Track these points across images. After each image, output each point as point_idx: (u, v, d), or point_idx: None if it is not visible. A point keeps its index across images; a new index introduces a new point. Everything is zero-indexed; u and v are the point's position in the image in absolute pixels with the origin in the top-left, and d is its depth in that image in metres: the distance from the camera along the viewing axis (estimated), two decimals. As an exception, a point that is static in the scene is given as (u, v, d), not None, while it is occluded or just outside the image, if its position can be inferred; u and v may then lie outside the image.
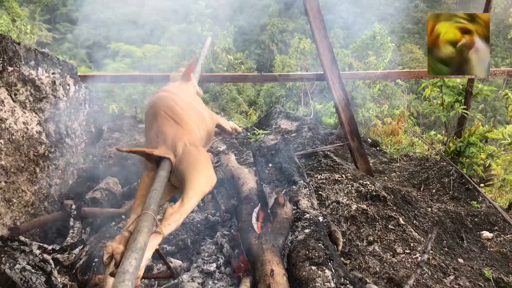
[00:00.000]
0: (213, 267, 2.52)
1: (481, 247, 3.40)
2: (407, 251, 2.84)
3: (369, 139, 6.60)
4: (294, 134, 5.34)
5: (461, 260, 3.05)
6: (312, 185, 3.39)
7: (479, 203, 4.25)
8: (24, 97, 3.00)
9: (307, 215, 2.71)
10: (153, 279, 2.34)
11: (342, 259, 2.64)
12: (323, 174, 3.81)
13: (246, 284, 2.28)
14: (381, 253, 2.79)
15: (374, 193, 3.48)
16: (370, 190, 3.51)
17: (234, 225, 3.02)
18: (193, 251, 2.77)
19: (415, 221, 3.47)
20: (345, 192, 3.47)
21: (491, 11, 4.99)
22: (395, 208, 3.43)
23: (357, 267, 2.64)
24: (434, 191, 4.50)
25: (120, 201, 3.37)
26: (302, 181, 3.21)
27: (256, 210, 2.87)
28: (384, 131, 7.79)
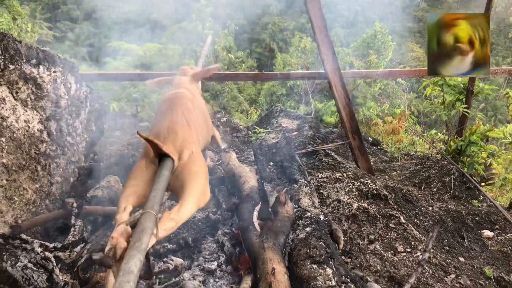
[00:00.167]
0: (214, 265, 2.53)
1: (482, 246, 3.40)
2: (408, 249, 2.84)
3: (370, 138, 6.60)
4: (295, 132, 5.34)
5: (462, 258, 3.05)
6: (313, 184, 3.39)
7: (480, 202, 4.25)
8: (25, 95, 3.00)
9: (308, 214, 2.72)
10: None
11: (343, 257, 2.64)
12: (324, 172, 3.82)
13: (247, 282, 2.28)
14: (382, 252, 2.79)
15: (375, 192, 3.48)
16: (371, 188, 3.51)
17: (235, 223, 3.03)
18: (194, 250, 2.77)
19: (416, 220, 3.47)
20: (346, 190, 3.47)
21: (492, 10, 4.99)
22: (396, 207, 3.43)
23: (358, 265, 2.64)
24: (435, 190, 4.50)
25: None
26: (303, 180, 3.21)
27: (257, 208, 2.87)
28: (385, 130, 7.80)
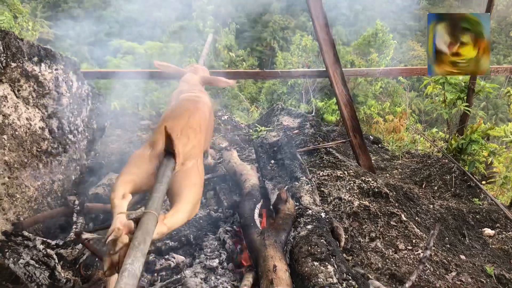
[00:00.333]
0: (215, 263, 2.53)
1: (483, 244, 3.40)
2: (409, 247, 2.85)
3: (371, 136, 6.60)
4: (296, 131, 5.35)
5: (463, 256, 3.05)
6: (314, 182, 3.40)
7: (481, 200, 4.26)
8: (27, 93, 3.00)
9: (310, 211, 2.72)
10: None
11: (344, 255, 2.64)
12: (325, 170, 3.82)
13: (248, 279, 2.29)
14: (383, 249, 2.80)
15: (376, 190, 3.49)
16: (372, 186, 3.52)
17: (236, 221, 3.03)
18: (196, 247, 2.77)
19: (417, 218, 3.48)
20: (347, 188, 3.47)
21: (493, 8, 4.98)
22: (397, 204, 3.43)
23: (359, 263, 2.65)
24: (436, 188, 4.50)
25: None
26: (304, 178, 3.21)
27: (258, 206, 2.87)
28: (386, 128, 7.80)
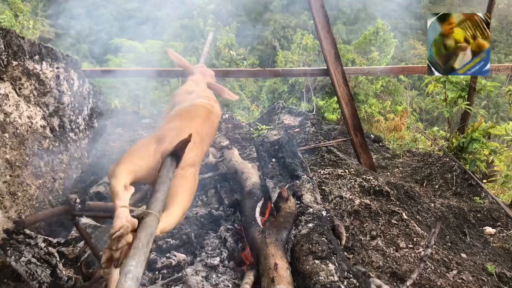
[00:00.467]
0: (216, 261, 2.54)
1: (483, 243, 3.40)
2: (410, 245, 2.85)
3: (372, 135, 6.60)
4: (297, 129, 5.35)
5: (464, 255, 3.05)
6: (315, 180, 3.40)
7: (482, 199, 4.26)
8: (28, 91, 3.01)
9: (311, 210, 2.72)
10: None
11: (345, 253, 2.65)
12: (326, 169, 3.82)
13: (249, 277, 2.29)
14: (384, 248, 2.80)
15: (377, 188, 3.49)
16: (373, 185, 3.52)
17: (237, 219, 3.04)
18: (197, 245, 2.78)
19: (418, 216, 3.48)
20: (348, 187, 3.47)
21: (494, 7, 4.97)
22: (398, 203, 3.43)
23: (360, 261, 2.65)
24: (437, 186, 4.50)
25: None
26: (305, 176, 3.21)
27: (259, 204, 2.87)
28: (387, 127, 7.80)
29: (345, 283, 2.03)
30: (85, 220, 2.11)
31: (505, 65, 5.18)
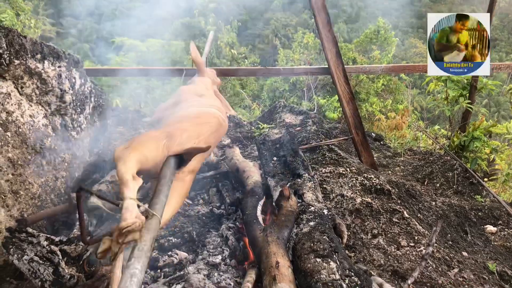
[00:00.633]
0: (218, 259, 2.54)
1: (485, 241, 3.41)
2: (412, 244, 2.85)
3: (373, 134, 6.60)
4: (298, 128, 5.35)
5: (465, 253, 3.06)
6: (316, 179, 3.40)
7: (483, 198, 4.26)
8: (30, 90, 3.01)
9: (312, 208, 2.72)
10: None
11: (346, 251, 2.65)
12: (327, 167, 3.82)
13: (251, 276, 2.29)
14: (386, 246, 2.80)
15: (378, 187, 3.49)
16: (374, 183, 3.52)
17: (239, 218, 3.04)
18: (199, 244, 2.78)
19: (419, 215, 3.48)
20: (350, 185, 3.48)
21: (495, 5, 4.97)
22: (399, 201, 3.44)
23: (361, 259, 2.65)
24: (438, 185, 4.50)
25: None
26: (306, 174, 3.22)
27: (261, 203, 2.88)
28: (388, 125, 7.80)
29: (347, 281, 2.03)
30: (94, 199, 2.07)
31: (506, 64, 5.19)
